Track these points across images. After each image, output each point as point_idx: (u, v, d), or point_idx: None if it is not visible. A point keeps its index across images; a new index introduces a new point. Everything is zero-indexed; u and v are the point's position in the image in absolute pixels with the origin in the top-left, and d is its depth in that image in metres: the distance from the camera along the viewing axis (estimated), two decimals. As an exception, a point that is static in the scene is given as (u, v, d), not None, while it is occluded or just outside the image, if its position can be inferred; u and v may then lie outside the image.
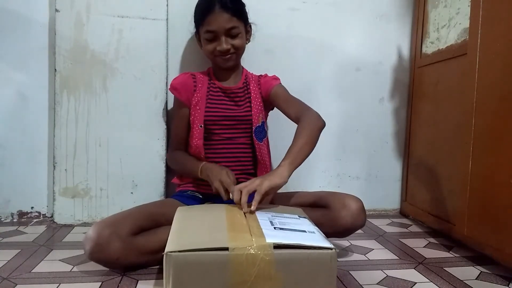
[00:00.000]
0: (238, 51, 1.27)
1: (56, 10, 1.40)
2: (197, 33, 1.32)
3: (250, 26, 1.34)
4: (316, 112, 1.19)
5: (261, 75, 1.39)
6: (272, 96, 1.31)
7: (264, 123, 1.34)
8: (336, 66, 1.68)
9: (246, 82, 1.35)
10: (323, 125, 1.16)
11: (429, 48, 1.58)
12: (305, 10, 1.63)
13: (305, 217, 0.97)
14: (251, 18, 1.34)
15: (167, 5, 1.47)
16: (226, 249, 0.72)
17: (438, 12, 1.52)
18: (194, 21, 1.31)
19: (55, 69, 1.41)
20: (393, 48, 1.72)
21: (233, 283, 0.72)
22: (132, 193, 1.48)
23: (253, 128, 1.30)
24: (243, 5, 1.29)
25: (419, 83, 1.64)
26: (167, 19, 1.48)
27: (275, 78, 1.37)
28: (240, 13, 1.25)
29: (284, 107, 1.27)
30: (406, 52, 1.73)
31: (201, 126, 1.26)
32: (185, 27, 1.50)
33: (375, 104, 1.73)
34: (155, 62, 1.47)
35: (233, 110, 1.30)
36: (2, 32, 1.42)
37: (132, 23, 1.45)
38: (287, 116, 1.26)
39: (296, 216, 0.96)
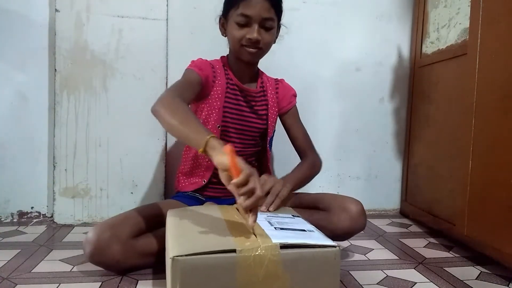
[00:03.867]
0: (266, 47, 1.17)
1: (56, 10, 1.41)
2: (224, 16, 1.18)
3: (280, 26, 1.23)
4: (320, 158, 1.28)
5: (277, 80, 1.33)
6: (286, 116, 1.31)
7: (274, 132, 1.32)
8: (336, 66, 1.68)
9: (263, 86, 1.28)
10: (319, 170, 1.27)
11: (429, 48, 1.58)
12: (305, 10, 1.63)
13: (298, 216, 0.97)
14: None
15: (167, 5, 1.47)
16: (234, 251, 0.71)
17: (438, 12, 1.52)
18: (226, 2, 1.18)
19: (55, 69, 1.41)
20: (393, 48, 1.72)
21: (241, 285, 0.71)
22: (132, 193, 1.48)
23: (268, 138, 1.28)
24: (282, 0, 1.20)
25: (419, 83, 1.64)
26: (167, 19, 1.48)
27: (295, 95, 1.33)
28: (279, 7, 1.17)
29: (293, 132, 1.30)
30: (406, 52, 1.73)
31: (218, 127, 1.19)
32: (185, 27, 1.50)
33: (375, 104, 1.73)
34: (155, 62, 1.47)
35: (249, 115, 1.24)
36: (2, 32, 1.42)
37: (132, 23, 1.45)
38: (292, 140, 1.31)
39: (290, 216, 0.96)
